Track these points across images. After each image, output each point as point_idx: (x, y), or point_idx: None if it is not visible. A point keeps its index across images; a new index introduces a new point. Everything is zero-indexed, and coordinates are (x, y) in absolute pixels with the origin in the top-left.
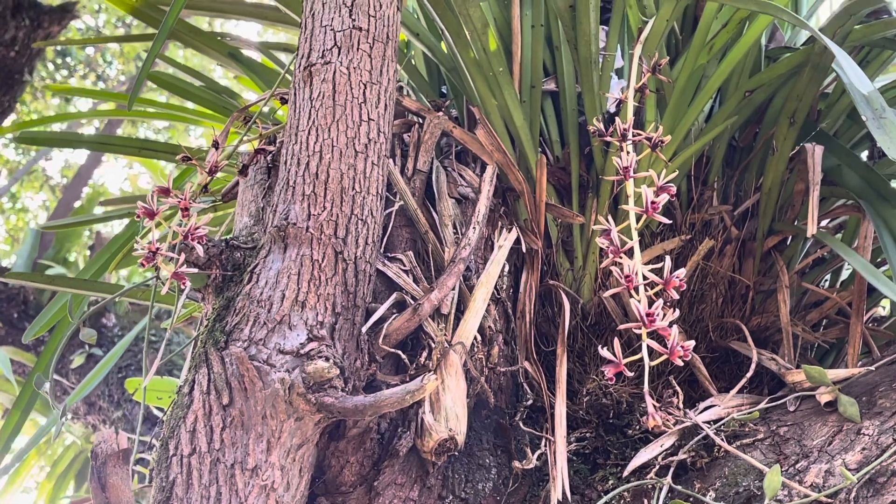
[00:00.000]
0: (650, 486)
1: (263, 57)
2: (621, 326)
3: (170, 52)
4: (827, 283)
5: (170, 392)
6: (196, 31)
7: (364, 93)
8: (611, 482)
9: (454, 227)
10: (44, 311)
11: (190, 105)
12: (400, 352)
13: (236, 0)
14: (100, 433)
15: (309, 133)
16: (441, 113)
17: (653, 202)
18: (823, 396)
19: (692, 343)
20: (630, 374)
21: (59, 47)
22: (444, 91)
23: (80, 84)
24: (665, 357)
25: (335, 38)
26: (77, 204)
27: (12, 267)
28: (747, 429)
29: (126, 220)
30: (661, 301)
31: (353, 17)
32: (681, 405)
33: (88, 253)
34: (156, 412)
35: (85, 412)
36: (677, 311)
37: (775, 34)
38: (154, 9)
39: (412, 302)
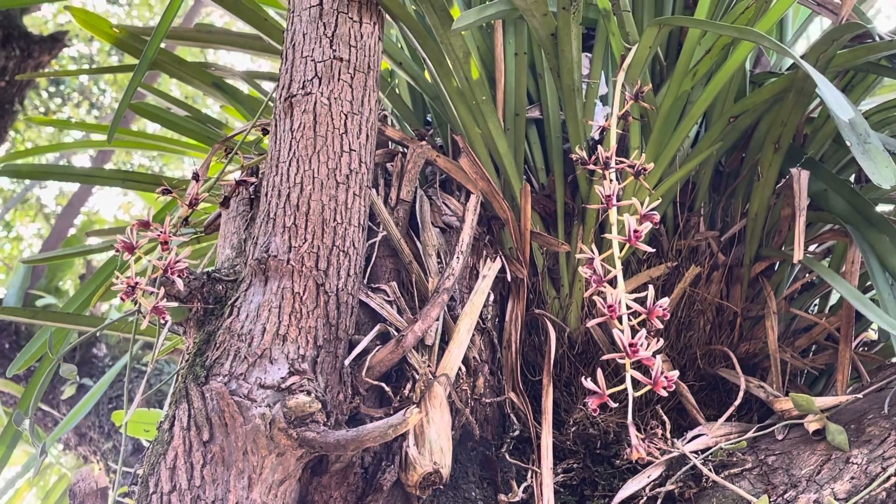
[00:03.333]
0: None
1: (250, 88)
2: (604, 357)
3: (163, 84)
4: (815, 309)
5: (157, 424)
6: (180, 61)
7: (345, 123)
8: None
9: (438, 257)
10: (28, 345)
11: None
12: (384, 384)
13: (220, 30)
14: (78, 471)
15: (290, 164)
16: (424, 142)
17: (636, 231)
18: (812, 424)
19: (676, 373)
20: (615, 405)
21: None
22: (429, 120)
23: (74, 113)
24: (650, 387)
25: (316, 69)
26: (71, 232)
27: (4, 298)
28: (735, 458)
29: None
30: (644, 331)
31: (333, 47)
32: (668, 435)
33: (80, 282)
34: (146, 444)
35: (76, 443)
36: (661, 341)
37: (760, 59)
38: (138, 40)
39: (396, 333)
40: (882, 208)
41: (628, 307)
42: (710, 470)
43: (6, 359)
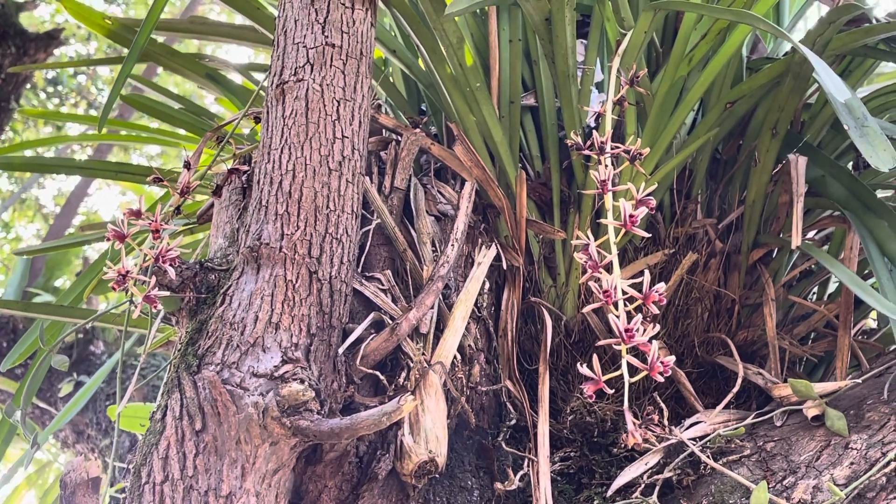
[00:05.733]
0: None
1: (245, 80)
2: (600, 343)
3: (161, 83)
4: (814, 296)
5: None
6: (173, 52)
7: (338, 110)
8: (596, 502)
9: (433, 245)
10: (22, 339)
11: (181, 131)
12: (378, 373)
13: (214, 22)
14: (69, 462)
15: (282, 151)
16: (419, 129)
17: (631, 216)
18: (811, 410)
19: (672, 358)
20: (611, 392)
21: (50, 76)
22: (424, 109)
23: (72, 112)
24: (646, 373)
25: (308, 55)
26: (69, 232)
27: (2, 295)
28: (734, 445)
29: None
30: (640, 316)
31: (325, 33)
32: (665, 422)
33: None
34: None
35: (73, 441)
36: (657, 326)
37: (757, 46)
38: (131, 31)
39: (390, 322)
40: (881, 194)
41: (624, 292)
42: (708, 457)
43: (4, 357)
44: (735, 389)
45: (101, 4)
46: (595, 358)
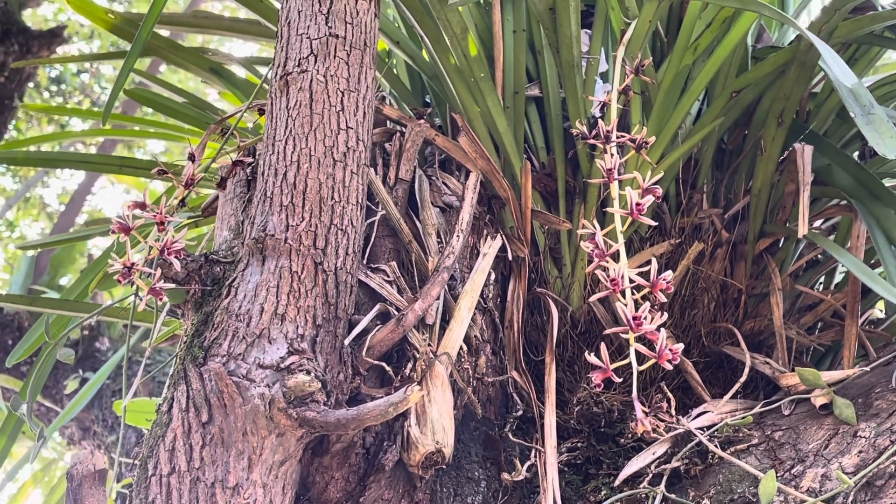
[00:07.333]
0: (643, 496)
1: (248, 74)
2: (608, 331)
3: (166, 79)
4: (821, 286)
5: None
6: (176, 46)
7: (342, 101)
8: (603, 492)
9: (438, 237)
10: (27, 335)
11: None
12: (384, 364)
13: (217, 16)
14: (76, 454)
15: (286, 143)
16: (423, 121)
17: (637, 204)
18: (818, 399)
19: (681, 346)
20: (618, 381)
21: (53, 75)
22: (428, 100)
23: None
24: (654, 361)
25: (311, 46)
26: (72, 230)
27: (7, 292)
28: (741, 434)
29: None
30: (647, 304)
31: (329, 24)
32: (673, 411)
33: None
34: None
35: (80, 438)
36: (665, 315)
37: (762, 35)
38: (134, 25)
39: (396, 313)
40: (888, 183)
41: (631, 280)
42: (716, 446)
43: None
44: (742, 379)
45: (102, 3)
46: (603, 346)
